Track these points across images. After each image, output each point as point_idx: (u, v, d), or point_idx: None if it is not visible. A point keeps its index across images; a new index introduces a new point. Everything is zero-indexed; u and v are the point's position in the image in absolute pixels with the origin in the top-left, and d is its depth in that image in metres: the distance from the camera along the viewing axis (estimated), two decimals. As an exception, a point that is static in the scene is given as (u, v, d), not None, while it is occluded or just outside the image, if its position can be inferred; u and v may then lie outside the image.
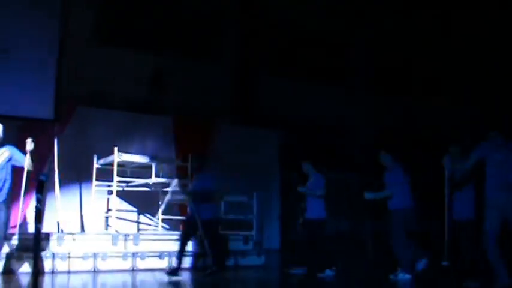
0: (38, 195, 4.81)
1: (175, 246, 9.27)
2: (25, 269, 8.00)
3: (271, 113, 13.86)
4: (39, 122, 10.29)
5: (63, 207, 9.69)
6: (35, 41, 11.24)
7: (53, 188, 9.69)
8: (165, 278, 8.37)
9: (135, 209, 11.73)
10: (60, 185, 9.89)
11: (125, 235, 9.60)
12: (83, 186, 11.16)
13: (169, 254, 9.67)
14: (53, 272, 8.28)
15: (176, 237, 9.60)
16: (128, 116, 11.80)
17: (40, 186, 4.87)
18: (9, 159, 6.99)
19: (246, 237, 11.04)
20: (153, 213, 11.70)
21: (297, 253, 9.15)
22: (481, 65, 15.88)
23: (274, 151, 13.77)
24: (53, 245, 8.56)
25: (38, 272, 4.81)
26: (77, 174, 11.05)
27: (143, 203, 11.62)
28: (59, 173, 9.91)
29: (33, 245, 4.81)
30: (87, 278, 8.40)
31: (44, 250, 8.22)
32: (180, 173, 11.38)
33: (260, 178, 12.80)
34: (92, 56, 11.73)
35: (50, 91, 11.21)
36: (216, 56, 13.83)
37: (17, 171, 7.30)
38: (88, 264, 8.95)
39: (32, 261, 7.42)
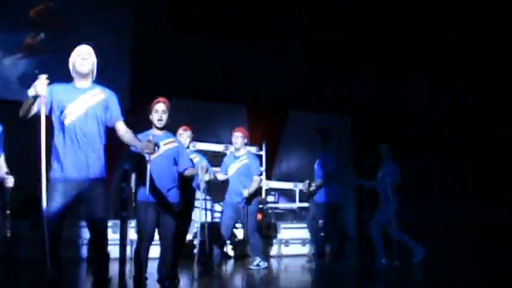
0: (123, 184, 4.87)
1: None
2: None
3: (342, 100, 13.73)
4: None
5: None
6: (109, 33, 11.55)
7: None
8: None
9: (208, 198, 11.84)
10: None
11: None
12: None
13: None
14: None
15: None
16: (201, 105, 11.90)
17: (125, 175, 4.94)
18: (107, 108, 5.07)
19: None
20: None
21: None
22: None
23: (347, 138, 13.64)
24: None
25: (124, 259, 4.85)
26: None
27: (219, 191, 11.70)
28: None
29: (120, 233, 4.87)
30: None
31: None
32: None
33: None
34: (165, 45, 11.88)
35: (125, 82, 11.52)
36: (285, 44, 13.77)
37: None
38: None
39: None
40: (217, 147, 10.83)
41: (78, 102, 4.90)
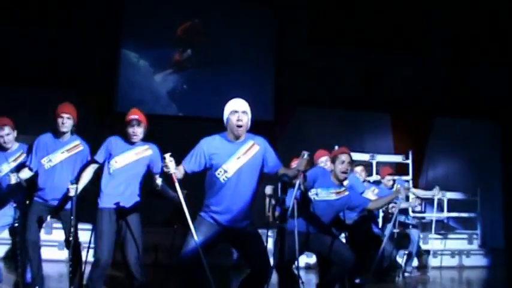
0: (283, 195, 4.89)
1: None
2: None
3: (490, 105, 13.08)
4: (260, 124, 10.65)
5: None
6: (252, 46, 11.84)
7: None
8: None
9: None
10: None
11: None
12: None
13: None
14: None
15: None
16: (345, 114, 11.85)
17: (284, 187, 4.96)
18: (264, 158, 4.90)
19: (470, 236, 10.66)
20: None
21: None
22: None
23: (496, 144, 13.03)
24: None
25: (282, 266, 4.87)
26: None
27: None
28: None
29: (280, 244, 4.91)
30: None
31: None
32: (400, 170, 11.17)
33: (482, 173, 12.19)
34: (308, 56, 11.90)
35: (270, 93, 11.73)
36: (427, 48, 13.35)
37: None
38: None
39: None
40: (362, 157, 10.67)
41: (234, 158, 4.78)
